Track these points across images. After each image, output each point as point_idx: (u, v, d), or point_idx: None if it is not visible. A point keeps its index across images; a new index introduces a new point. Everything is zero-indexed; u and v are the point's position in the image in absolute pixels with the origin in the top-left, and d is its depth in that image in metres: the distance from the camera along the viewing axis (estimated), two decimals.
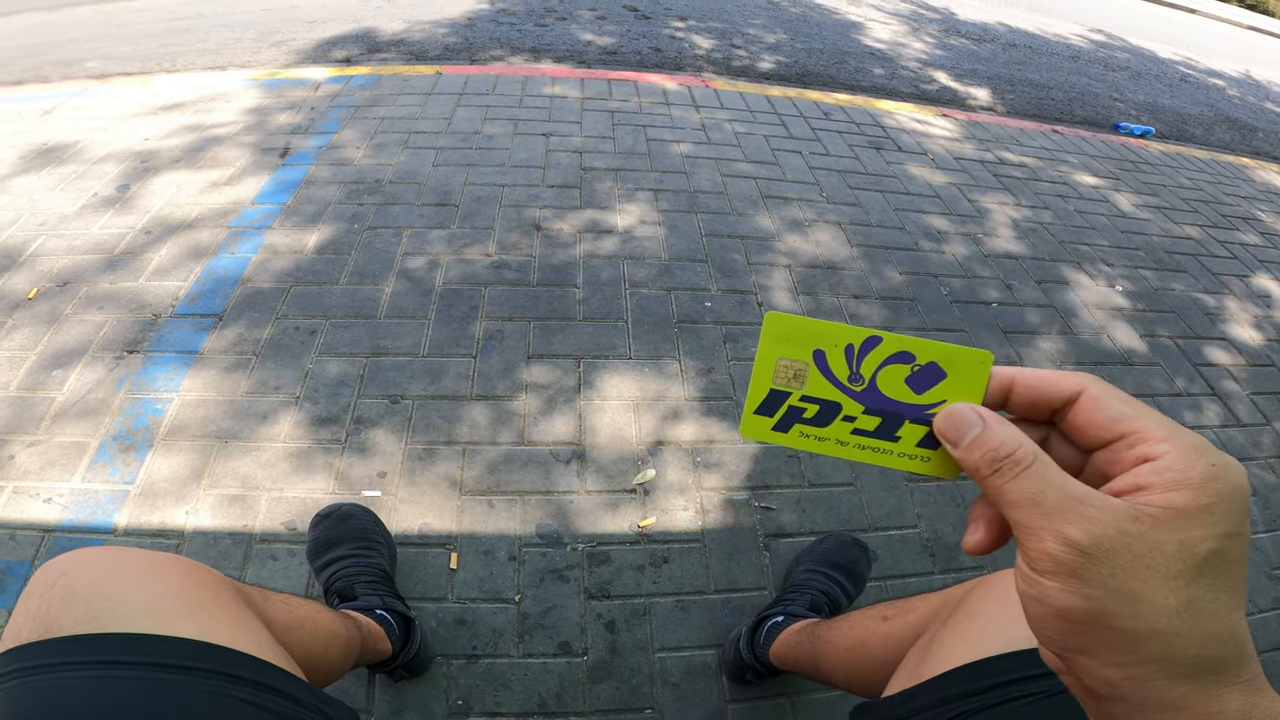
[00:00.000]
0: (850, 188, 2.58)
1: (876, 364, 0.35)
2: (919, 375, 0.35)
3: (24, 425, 1.42)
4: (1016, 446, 0.30)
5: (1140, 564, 0.27)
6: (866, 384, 0.35)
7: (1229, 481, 0.28)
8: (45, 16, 3.89)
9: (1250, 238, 2.91)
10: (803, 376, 0.36)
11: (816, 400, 0.36)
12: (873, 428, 0.36)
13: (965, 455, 0.32)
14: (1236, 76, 6.44)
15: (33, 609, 0.50)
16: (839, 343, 0.35)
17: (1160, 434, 0.29)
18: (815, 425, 0.37)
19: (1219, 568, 0.27)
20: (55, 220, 1.96)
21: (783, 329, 0.35)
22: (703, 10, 4.90)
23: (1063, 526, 0.28)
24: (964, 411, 0.33)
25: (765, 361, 0.36)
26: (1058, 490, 0.29)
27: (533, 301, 1.83)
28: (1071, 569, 0.27)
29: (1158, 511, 0.27)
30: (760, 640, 1.09)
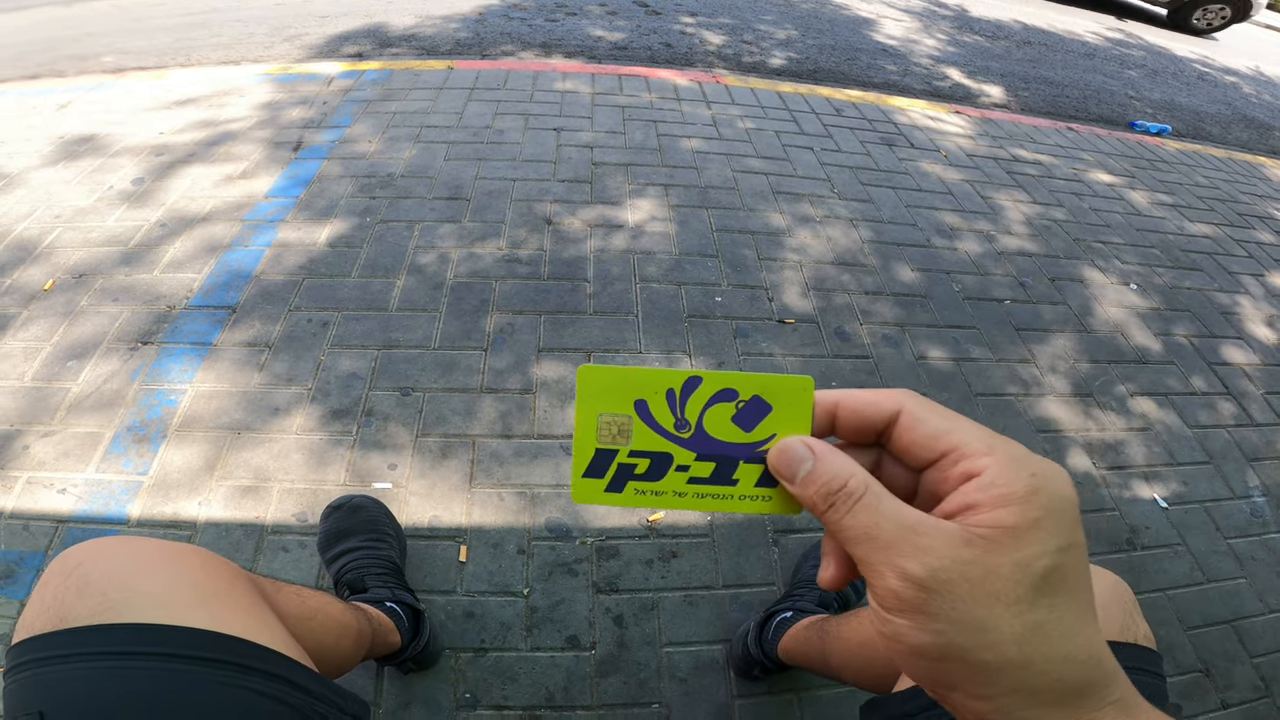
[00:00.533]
0: (862, 184, 2.57)
1: (700, 406, 0.34)
2: (745, 412, 0.34)
3: (39, 416, 1.43)
4: (848, 478, 0.30)
5: (980, 591, 0.26)
6: (694, 429, 0.34)
7: (1053, 492, 0.27)
8: (61, 11, 3.92)
9: (1267, 236, 2.87)
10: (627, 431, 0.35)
11: (646, 454, 0.35)
12: (708, 474, 0.35)
13: (800, 491, 0.32)
14: (1254, 75, 6.36)
15: (48, 599, 0.50)
16: (658, 389, 0.34)
17: (980, 447, 0.29)
18: (649, 480, 0.35)
19: (1059, 585, 0.27)
20: (71, 213, 1.98)
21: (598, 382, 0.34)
22: (713, 6, 4.88)
23: (900, 560, 0.27)
24: (794, 446, 0.32)
25: (586, 420, 0.35)
26: (892, 521, 0.28)
27: (543, 295, 1.83)
28: (915, 605, 0.27)
29: (987, 532, 0.26)
30: (768, 635, 1.09)
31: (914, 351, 1.85)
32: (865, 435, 0.33)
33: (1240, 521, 1.63)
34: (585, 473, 0.35)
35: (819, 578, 0.33)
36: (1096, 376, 1.91)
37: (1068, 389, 1.85)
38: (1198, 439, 1.80)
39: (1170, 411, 1.86)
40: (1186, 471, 1.71)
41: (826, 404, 0.33)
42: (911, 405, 0.31)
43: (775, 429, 0.34)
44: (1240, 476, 1.73)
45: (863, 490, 0.29)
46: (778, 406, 0.33)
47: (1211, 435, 1.82)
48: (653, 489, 0.35)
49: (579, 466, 0.35)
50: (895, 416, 0.31)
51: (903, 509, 0.28)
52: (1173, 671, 1.31)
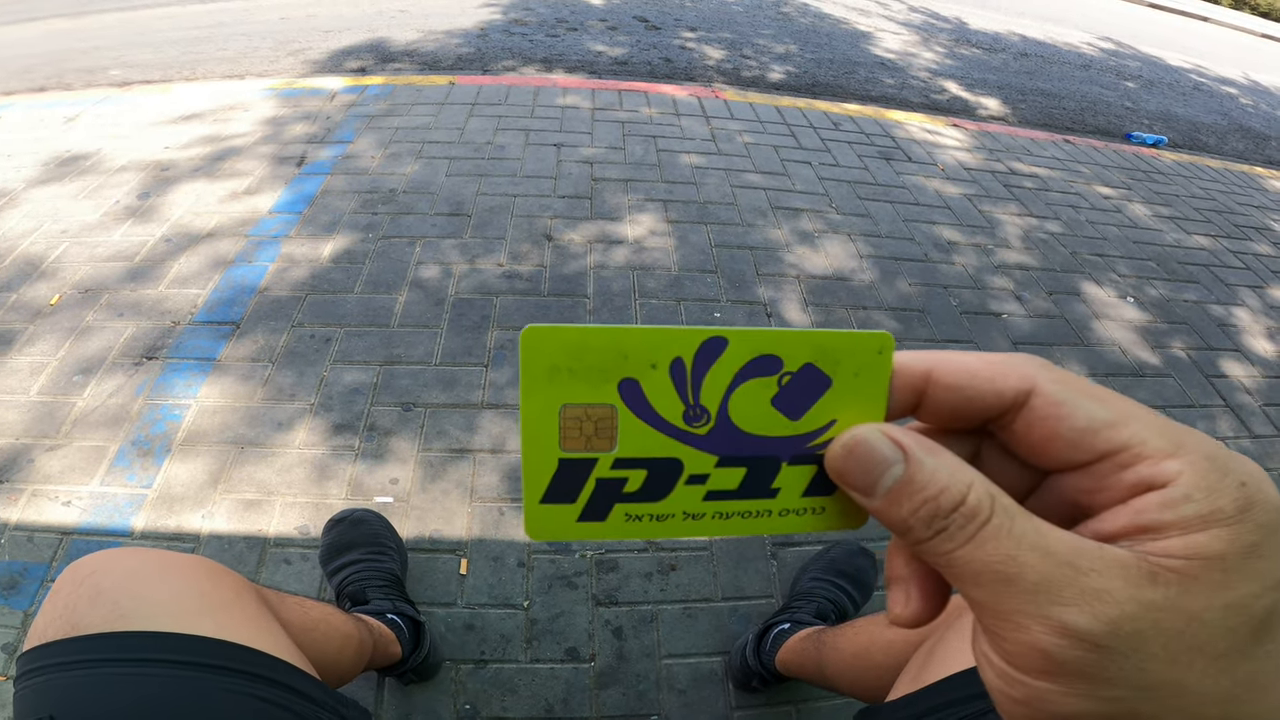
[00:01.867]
0: (860, 198, 2.59)
1: (725, 384, 0.23)
2: (791, 389, 0.23)
3: (45, 430, 1.45)
4: (965, 490, 0.21)
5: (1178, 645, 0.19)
6: (713, 420, 0.23)
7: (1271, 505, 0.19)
8: (68, 23, 3.97)
9: (1264, 248, 2.89)
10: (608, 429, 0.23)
11: (639, 462, 0.23)
12: (736, 484, 0.24)
13: (884, 509, 0.22)
14: (1249, 85, 6.40)
15: (60, 608, 0.52)
16: (658, 359, 0.22)
17: (1162, 445, 0.20)
18: (646, 501, 0.24)
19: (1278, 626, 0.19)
20: (77, 228, 2.00)
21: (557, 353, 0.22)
22: (713, 21, 4.93)
23: (1058, 611, 0.19)
24: (871, 443, 0.22)
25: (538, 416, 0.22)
26: (1038, 554, 0.19)
27: (544, 311, 1.85)
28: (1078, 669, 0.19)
29: (1184, 565, 0.19)
30: (766, 647, 1.10)
31: None
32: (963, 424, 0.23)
33: None
34: (544, 497, 0.24)
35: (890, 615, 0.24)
36: None
37: None
38: None
39: None
40: None
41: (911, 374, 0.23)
42: (1048, 384, 0.22)
43: (835, 413, 0.23)
44: None
45: (989, 508, 0.20)
46: (839, 379, 0.23)
47: None
48: (653, 512, 0.24)
49: (534, 489, 0.24)
50: (1023, 399, 0.22)
51: (1050, 534, 0.20)
52: None
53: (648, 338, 0.22)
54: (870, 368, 0.23)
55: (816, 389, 0.23)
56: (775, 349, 0.22)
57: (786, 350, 0.23)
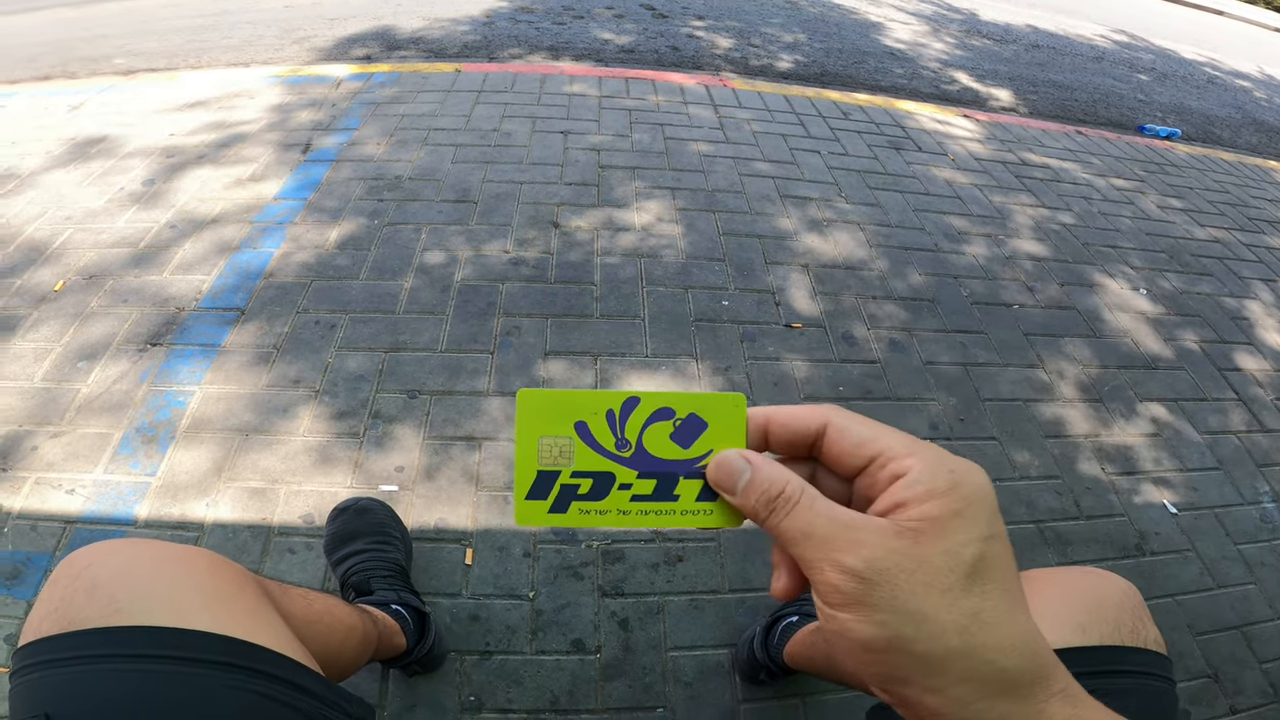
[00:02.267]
0: (869, 188, 2.57)
1: (640, 425, 0.35)
2: (682, 429, 0.35)
3: (48, 417, 1.44)
4: (785, 484, 0.31)
5: (916, 581, 0.27)
6: (634, 448, 0.35)
7: (972, 484, 0.29)
8: (73, 12, 3.95)
9: (1277, 241, 2.86)
10: (568, 452, 0.35)
11: (588, 474, 0.35)
12: (650, 491, 0.36)
13: (741, 501, 0.33)
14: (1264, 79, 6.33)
15: (55, 601, 0.50)
16: (598, 410, 0.35)
17: (902, 450, 0.30)
18: (593, 500, 0.36)
19: (987, 573, 0.28)
20: (82, 214, 1.99)
21: (538, 406, 0.35)
22: (720, 9, 4.88)
23: (837, 555, 0.28)
24: (731, 458, 0.34)
25: (526, 443, 0.35)
26: (826, 519, 0.29)
27: (550, 298, 1.83)
28: (856, 597, 0.28)
29: (916, 525, 0.28)
30: (774, 640, 1.09)
31: (921, 356, 1.85)
32: (797, 449, 0.34)
33: (1250, 527, 1.62)
34: (528, 495, 0.36)
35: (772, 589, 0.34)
36: (1106, 382, 1.90)
37: (1076, 394, 1.84)
38: (1208, 445, 1.79)
39: (1180, 417, 1.85)
40: (1196, 477, 1.70)
41: (758, 420, 0.35)
42: (836, 418, 0.33)
43: (712, 445, 0.35)
44: (1250, 483, 1.72)
45: (799, 493, 0.31)
46: (713, 423, 0.35)
47: (1222, 441, 1.81)
48: (597, 508, 0.36)
49: (521, 489, 0.36)
50: (823, 429, 0.33)
51: (836, 509, 0.30)
52: (1182, 677, 1.30)
53: (592, 398, 0.35)
54: (731, 416, 0.35)
55: (699, 429, 0.35)
56: (669, 404, 0.35)
57: (677, 405, 0.35)
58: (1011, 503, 1.54)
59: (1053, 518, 1.53)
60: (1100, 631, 0.58)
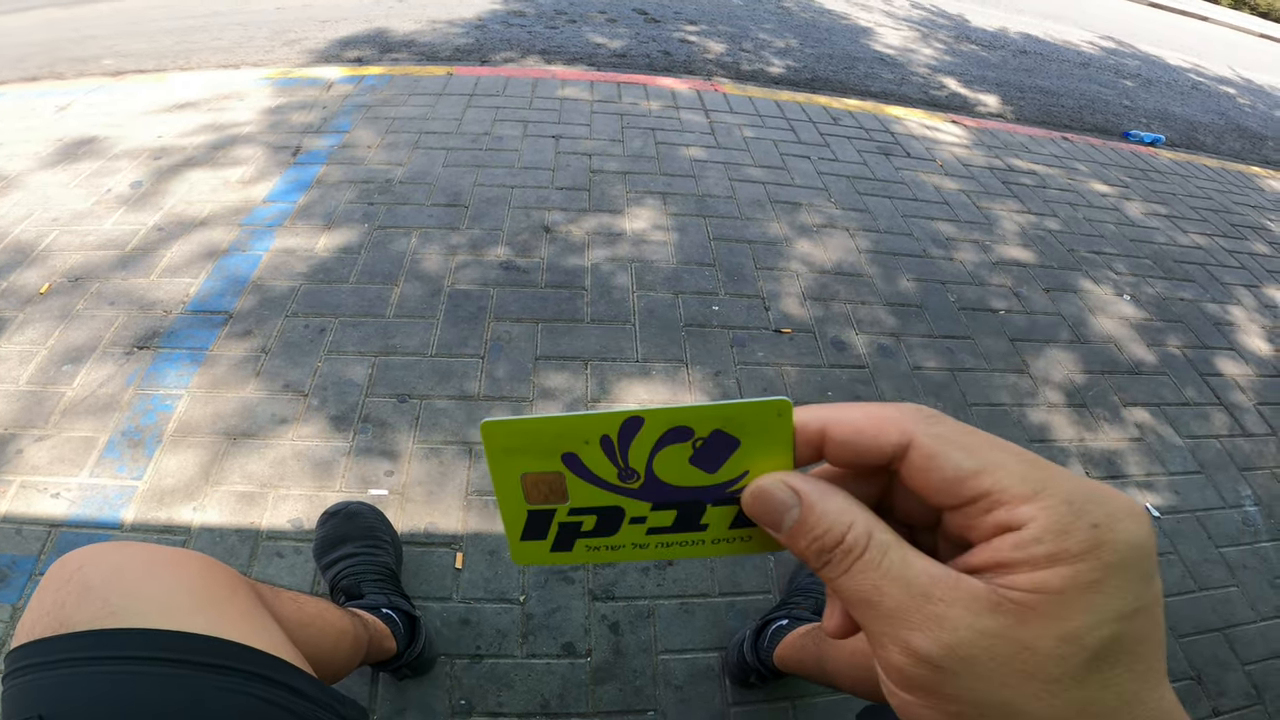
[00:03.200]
0: (859, 193, 2.58)
1: (648, 450, 0.27)
2: (705, 451, 0.27)
3: (33, 420, 1.43)
4: (845, 530, 0.24)
5: (1009, 670, 0.21)
6: (643, 478, 0.28)
7: (1121, 544, 0.21)
8: (61, 13, 3.92)
9: (1260, 247, 2.90)
10: (559, 489, 0.28)
11: (590, 510, 0.29)
12: (670, 522, 0.29)
13: (789, 544, 0.26)
14: (1247, 85, 6.41)
15: (48, 604, 0.50)
16: (589, 437, 0.27)
17: (1021, 491, 0.22)
18: (601, 536, 0.30)
19: (1117, 657, 0.21)
20: (69, 216, 1.98)
21: (509, 439, 0.27)
22: (712, 14, 4.90)
23: (906, 634, 0.22)
24: (772, 490, 0.26)
25: (506, 482, 0.28)
26: (898, 584, 0.23)
27: (541, 303, 1.84)
28: (926, 685, 0.22)
29: (1024, 598, 0.21)
30: (764, 643, 1.09)
31: (909, 361, 1.86)
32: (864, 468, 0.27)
33: (1232, 530, 1.64)
34: (522, 536, 0.30)
35: (824, 625, 0.28)
36: (1090, 387, 1.92)
37: (1061, 399, 1.86)
38: (1190, 449, 1.81)
39: (1163, 422, 1.87)
40: (1179, 481, 1.72)
41: (811, 428, 0.27)
42: (924, 438, 0.24)
43: (747, 465, 0.27)
44: (1232, 486, 1.74)
45: (863, 544, 0.24)
46: (746, 439, 0.27)
47: (1204, 445, 1.83)
48: (607, 544, 0.30)
49: (513, 530, 0.30)
50: (903, 451, 0.25)
51: (913, 565, 0.23)
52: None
53: (577, 423, 0.27)
54: (774, 428, 0.27)
55: (728, 448, 0.27)
56: (685, 422, 0.27)
57: (695, 422, 0.27)
58: None
59: None
60: None
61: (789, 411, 0.26)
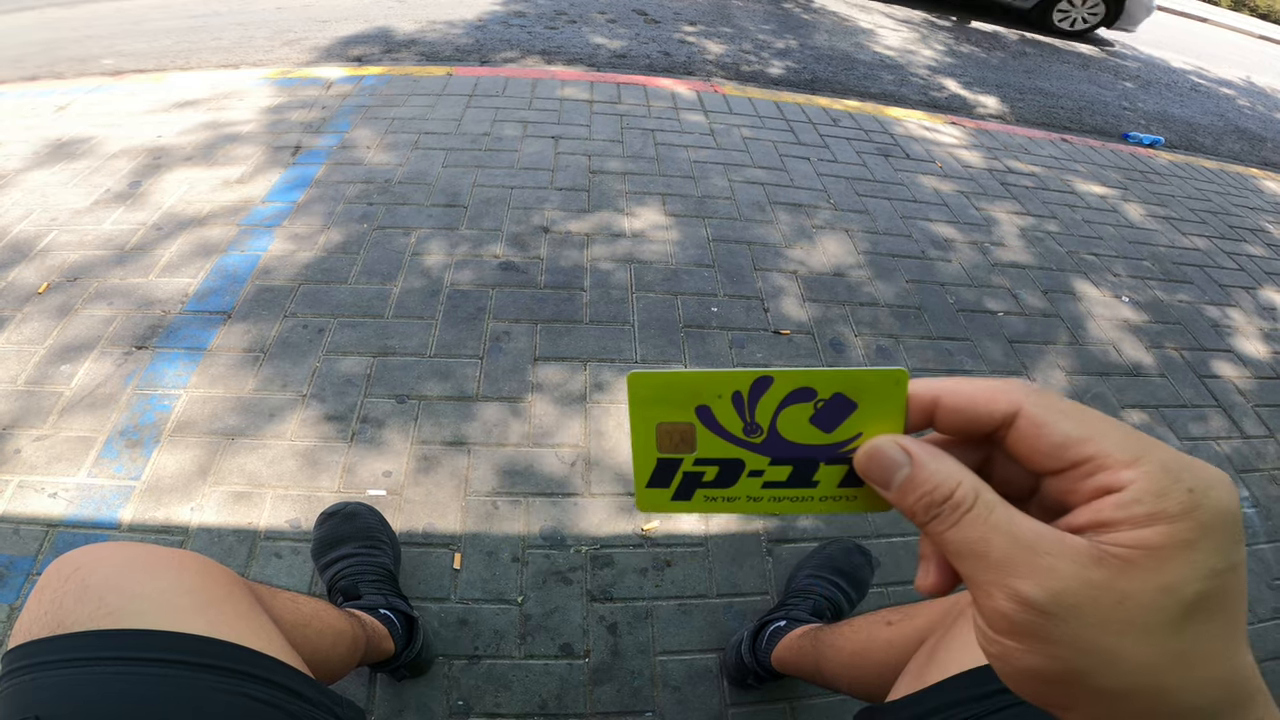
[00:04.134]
0: (858, 195, 2.58)
1: (773, 408, 0.30)
2: (824, 412, 0.30)
3: (31, 419, 1.43)
4: (954, 486, 0.26)
5: (1112, 618, 0.23)
6: (766, 433, 0.31)
7: (1214, 508, 0.23)
8: (62, 12, 3.92)
9: (1258, 250, 2.90)
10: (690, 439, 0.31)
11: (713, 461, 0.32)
12: (785, 477, 0.32)
13: (897, 500, 0.28)
14: (1246, 86, 6.42)
15: (45, 604, 0.50)
16: (722, 393, 0.30)
17: (1122, 457, 0.24)
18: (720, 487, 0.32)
19: (1211, 610, 0.23)
20: (67, 215, 1.97)
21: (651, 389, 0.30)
22: (712, 15, 4.91)
23: (1014, 581, 0.24)
24: (886, 450, 0.28)
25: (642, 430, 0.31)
26: (1005, 537, 0.25)
27: (540, 304, 1.84)
28: (1030, 630, 0.24)
29: (1125, 553, 0.23)
30: (762, 645, 1.09)
31: (908, 363, 1.86)
32: (971, 436, 0.29)
33: None
34: (649, 483, 0.33)
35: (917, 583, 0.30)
36: (1088, 389, 1.92)
37: None
38: (1188, 451, 1.80)
39: (1161, 424, 1.87)
40: None
41: (924, 398, 0.29)
42: (1032, 408, 0.26)
43: (861, 428, 0.30)
44: None
45: (971, 500, 0.26)
46: (864, 403, 0.30)
47: (1201, 447, 1.84)
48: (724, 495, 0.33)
49: (641, 477, 0.33)
50: (1011, 419, 0.27)
51: (1019, 521, 0.25)
52: None
53: (714, 379, 0.30)
54: (889, 395, 0.29)
55: (845, 410, 0.30)
56: (810, 384, 0.30)
57: (819, 385, 0.30)
58: None
59: None
60: None
61: (905, 380, 0.29)
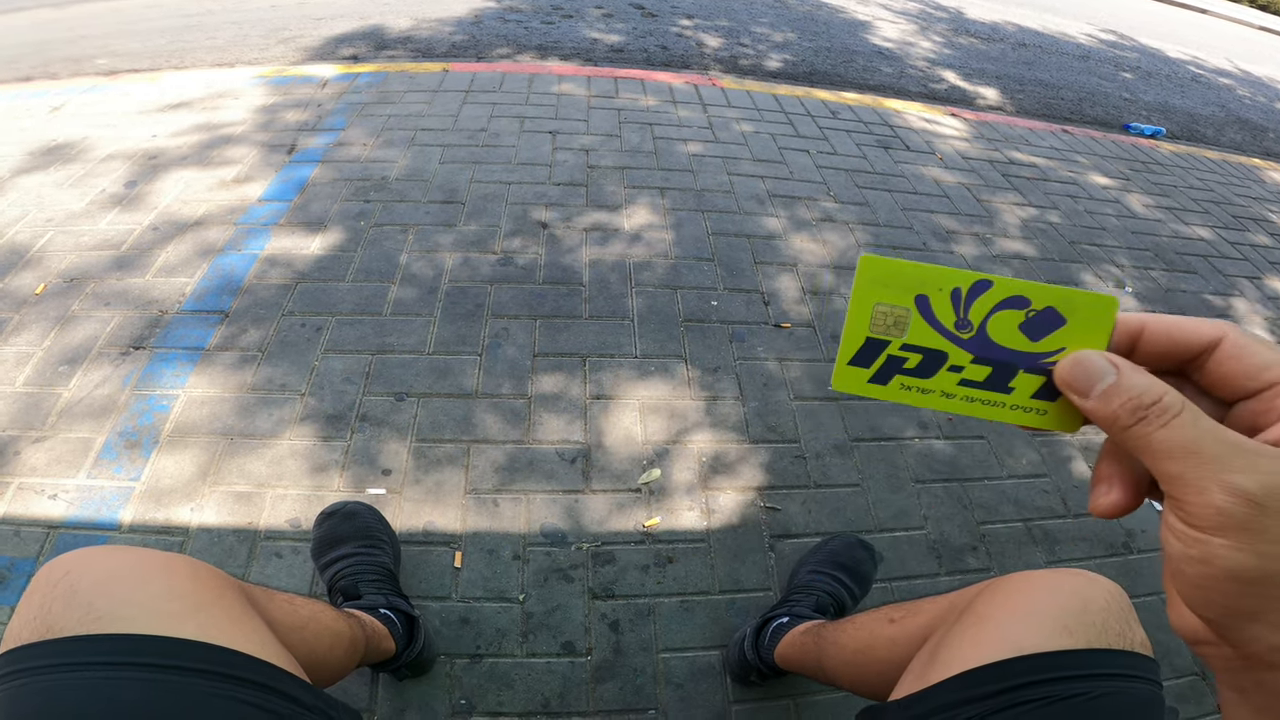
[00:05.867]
0: (858, 187, 2.57)
1: (986, 309, 0.31)
2: (1034, 321, 0.31)
3: (30, 421, 1.42)
4: (1163, 393, 0.27)
5: None
6: (975, 331, 0.32)
7: None
8: (55, 13, 3.90)
9: (1261, 239, 2.88)
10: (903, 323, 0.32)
11: (919, 349, 0.33)
12: (982, 378, 0.33)
13: (1099, 406, 0.28)
14: (1247, 77, 6.39)
15: (34, 609, 0.50)
16: (944, 286, 0.31)
17: None
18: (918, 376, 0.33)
19: None
20: (63, 217, 1.97)
21: (880, 272, 0.32)
22: (710, 8, 4.89)
23: (1228, 476, 0.24)
24: (1092, 358, 0.29)
25: (860, 307, 0.32)
26: (1214, 438, 0.25)
27: (538, 300, 1.83)
28: (1242, 522, 0.24)
29: None
30: (765, 641, 1.09)
31: None
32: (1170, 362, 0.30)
33: None
34: (851, 360, 0.33)
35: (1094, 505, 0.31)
36: None
37: None
38: None
39: None
40: None
41: (1130, 325, 0.30)
42: (1236, 335, 0.29)
43: (1066, 342, 0.31)
44: None
45: (1179, 406, 0.26)
46: (1073, 321, 0.30)
47: None
48: (920, 385, 0.33)
49: (846, 353, 0.33)
50: (1214, 344, 0.29)
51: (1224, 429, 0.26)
52: (1169, 675, 1.31)
53: (940, 273, 0.31)
54: (1098, 317, 0.30)
55: (1054, 324, 0.31)
56: (1026, 294, 0.31)
57: (1035, 296, 0.31)
58: (999, 501, 1.55)
59: (1041, 516, 1.54)
60: (1086, 635, 0.58)
61: (1115, 308, 0.30)
